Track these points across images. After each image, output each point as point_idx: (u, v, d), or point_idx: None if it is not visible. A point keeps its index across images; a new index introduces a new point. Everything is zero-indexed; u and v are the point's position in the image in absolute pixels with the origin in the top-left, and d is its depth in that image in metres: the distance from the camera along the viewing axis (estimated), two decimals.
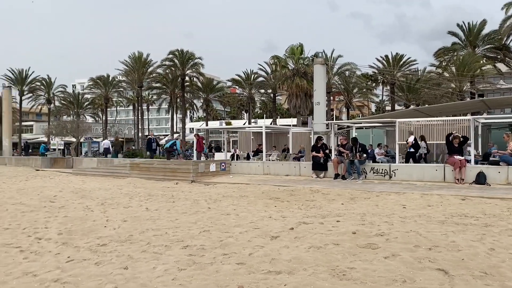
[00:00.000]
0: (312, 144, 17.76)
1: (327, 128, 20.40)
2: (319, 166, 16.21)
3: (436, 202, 9.80)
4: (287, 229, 7.06)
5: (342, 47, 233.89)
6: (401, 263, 5.00)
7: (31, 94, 55.11)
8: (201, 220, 8.06)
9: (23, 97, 53.42)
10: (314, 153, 16.34)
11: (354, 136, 17.64)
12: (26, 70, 52.75)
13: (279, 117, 46.49)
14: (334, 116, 33.05)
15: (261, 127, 20.92)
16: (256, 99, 57.96)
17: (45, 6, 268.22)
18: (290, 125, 28.05)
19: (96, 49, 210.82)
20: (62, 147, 40.04)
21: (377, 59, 42.43)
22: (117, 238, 6.65)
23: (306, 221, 7.68)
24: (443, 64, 36.27)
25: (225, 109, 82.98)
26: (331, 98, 44.82)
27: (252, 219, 8.11)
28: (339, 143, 17.01)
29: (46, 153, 34.31)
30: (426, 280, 4.39)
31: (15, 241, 6.53)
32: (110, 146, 30.16)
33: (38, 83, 54.56)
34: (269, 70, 44.21)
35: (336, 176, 15.43)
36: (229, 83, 55.97)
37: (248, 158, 21.95)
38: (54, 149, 38.65)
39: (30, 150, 39.44)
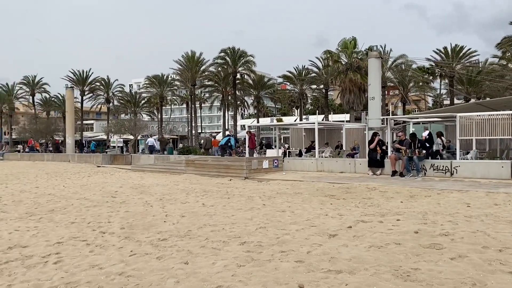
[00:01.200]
0: (368, 140, 17.32)
1: (383, 124, 19.82)
2: (375, 163, 15.78)
3: (504, 201, 9.23)
4: (345, 227, 6.90)
5: (396, 40, 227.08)
6: (469, 264, 4.73)
7: (91, 94, 57.83)
8: (256, 217, 8.07)
9: (84, 97, 56.17)
10: (371, 146, 15.89)
11: (411, 131, 16.98)
12: (86, 71, 55.45)
13: (331, 113, 45.81)
14: (390, 111, 31.90)
15: (313, 123, 20.68)
16: (307, 95, 57.48)
17: (103, 8, 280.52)
18: (343, 121, 27.51)
19: (151, 49, 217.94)
20: (121, 145, 41.68)
21: (435, 52, 40.72)
22: (176, 233, 6.79)
23: (364, 220, 7.48)
24: (507, 55, 34.12)
25: (276, 106, 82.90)
26: (386, 92, 43.56)
27: (308, 216, 8.01)
28: (395, 139, 16.43)
29: (94, 150, 36.13)
30: (498, 284, 4.13)
31: (81, 235, 6.84)
32: (155, 143, 32.27)
33: (98, 84, 57.14)
34: (320, 65, 43.66)
35: (394, 173, 14.95)
36: (280, 80, 55.85)
37: (300, 154, 21.78)
38: (114, 147, 40.30)
39: (85, 148, 41.38)
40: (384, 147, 16.07)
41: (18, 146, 48.81)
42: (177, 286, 4.32)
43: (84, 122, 61.38)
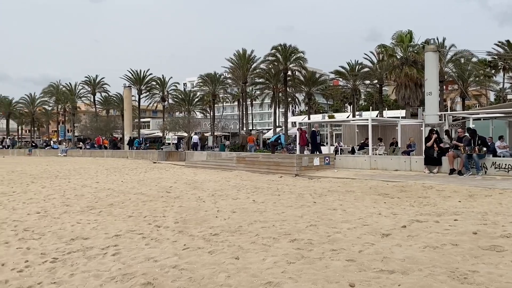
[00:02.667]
0: (425, 137, 16.70)
1: (440, 120, 19.03)
2: (432, 161, 15.20)
3: None
4: (399, 226, 6.72)
5: (454, 32, 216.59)
6: None
7: (148, 93, 59.84)
8: (307, 214, 8.03)
9: (141, 96, 58.23)
10: (428, 144, 15.31)
11: (471, 128, 16.19)
12: (144, 71, 57.41)
13: (386, 109, 44.53)
14: (448, 107, 30.51)
15: (367, 119, 20.24)
16: (360, 90, 56.25)
17: (158, 9, 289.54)
18: (398, 117, 26.71)
19: (204, 48, 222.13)
20: (176, 141, 42.95)
21: (497, 44, 38.45)
22: (227, 228, 6.91)
23: (419, 219, 7.24)
24: None
25: (328, 102, 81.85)
26: (444, 87, 41.70)
27: (360, 215, 7.87)
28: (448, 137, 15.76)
29: (138, 147, 37.72)
30: None
31: (138, 228, 7.12)
32: (198, 141, 34.59)
33: (154, 83, 59.01)
34: (374, 60, 42.54)
35: (452, 171, 14.33)
36: (332, 75, 54.96)
37: (352, 152, 21.40)
38: (169, 143, 41.57)
39: (138, 145, 42.88)
40: (441, 144, 15.44)
41: (80, 143, 51.51)
42: (228, 281, 4.40)
43: (141, 120, 63.67)
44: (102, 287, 4.34)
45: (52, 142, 57.74)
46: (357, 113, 49.30)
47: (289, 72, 47.10)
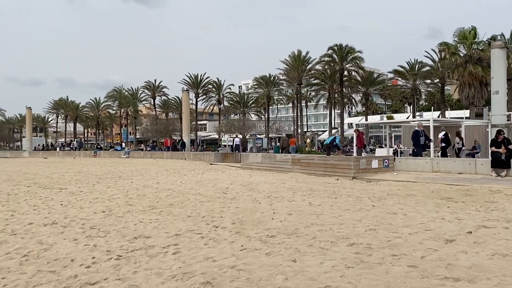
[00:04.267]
0: (491, 138, 15.77)
1: (508, 121, 17.90)
2: (500, 163, 14.31)
3: None
4: (464, 232, 6.39)
5: None
6: None
7: (204, 96, 61.26)
8: (365, 218, 7.84)
9: (198, 99, 59.70)
10: (493, 148, 14.49)
11: None
12: (200, 75, 58.88)
13: (448, 109, 42.56)
14: None
15: (428, 120, 19.43)
16: (421, 90, 54.19)
17: (211, 13, 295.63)
18: (462, 118, 25.42)
19: (259, 50, 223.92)
20: (232, 143, 43.62)
21: None
22: (284, 230, 6.90)
23: (486, 225, 6.84)
24: None
25: (386, 103, 79.63)
26: None
27: (422, 219, 7.56)
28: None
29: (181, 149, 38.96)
30: None
31: (196, 228, 7.29)
32: (240, 143, 36.84)
33: (210, 86, 60.33)
34: (436, 58, 40.82)
35: None
36: (390, 75, 53.42)
37: (413, 154, 20.63)
38: (225, 145, 42.29)
39: (179, 147, 44.11)
40: (510, 146, 14.51)
41: (141, 145, 53.62)
42: (285, 283, 4.39)
43: (198, 122, 65.26)
44: (163, 285, 4.48)
45: (118, 144, 60.41)
46: (417, 113, 47.53)
47: (345, 72, 46.33)
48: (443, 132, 18.06)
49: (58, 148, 59.66)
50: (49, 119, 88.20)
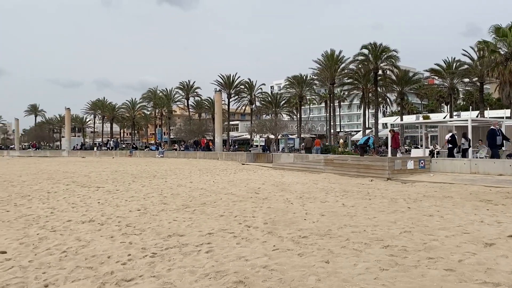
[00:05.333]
0: None
1: None
2: None
3: None
4: (505, 236, 6.16)
5: None
6: None
7: (236, 96, 61.63)
8: (400, 220, 7.68)
9: (230, 99, 60.14)
10: None
11: None
12: (232, 75, 59.27)
13: (487, 108, 41.08)
14: None
15: (466, 120, 18.84)
16: (458, 89, 52.59)
17: (242, 14, 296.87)
18: (502, 118, 24.51)
19: (291, 50, 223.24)
20: (263, 144, 43.68)
21: None
22: (316, 231, 6.85)
23: None
24: None
25: (422, 102, 77.71)
26: None
27: (460, 222, 7.34)
28: None
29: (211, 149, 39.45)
30: None
31: (229, 227, 7.34)
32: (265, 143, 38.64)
33: (242, 86, 60.64)
34: (474, 56, 39.51)
35: None
36: (426, 74, 52.08)
37: (450, 155, 20.05)
38: (257, 146, 42.41)
39: (200, 146, 44.70)
40: None
41: (175, 145, 54.49)
42: (318, 284, 4.35)
43: (230, 122, 65.70)
44: (197, 283, 4.53)
45: (156, 144, 61.56)
46: (454, 113, 46.21)
47: (380, 72, 45.52)
48: (450, 133, 18.56)
49: (95, 148, 61.43)
50: (87, 120, 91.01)
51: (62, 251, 5.93)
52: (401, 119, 50.20)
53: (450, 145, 18.32)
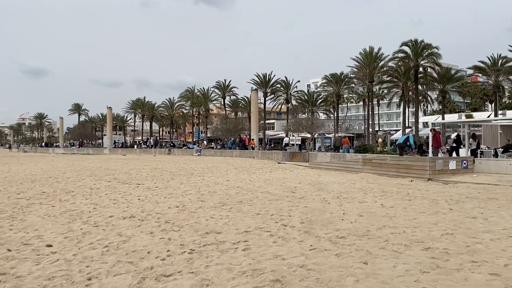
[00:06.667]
0: None
1: None
2: None
3: None
4: None
5: None
6: None
7: (272, 95, 61.53)
8: (442, 222, 7.45)
9: (266, 98, 60.14)
10: None
11: None
12: (269, 74, 59.23)
13: None
14: None
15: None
16: (504, 87, 50.41)
17: (279, 13, 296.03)
18: None
19: (328, 49, 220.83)
20: (299, 142, 43.48)
21: None
22: (354, 232, 6.75)
23: None
24: None
25: (465, 101, 75.05)
26: None
27: (505, 225, 7.05)
28: None
29: (232, 147, 39.51)
30: None
31: (265, 226, 7.35)
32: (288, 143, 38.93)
33: (278, 85, 60.49)
34: None
35: None
36: (470, 71, 50.21)
37: (495, 155, 19.28)
38: (293, 144, 42.23)
39: (231, 145, 44.94)
40: None
41: (211, 143, 55.12)
42: (356, 285, 4.30)
43: (266, 121, 65.69)
44: (234, 280, 4.56)
45: (195, 141, 62.48)
46: (500, 112, 44.31)
47: (420, 69, 44.29)
48: (455, 133, 19.65)
49: (135, 146, 63.04)
50: (128, 118, 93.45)
51: (104, 245, 6.12)
52: (443, 118, 48.63)
53: (454, 145, 18.78)
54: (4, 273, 4.85)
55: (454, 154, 18.39)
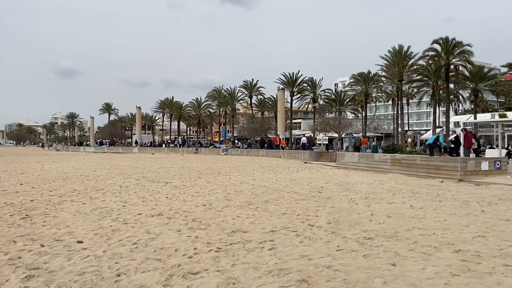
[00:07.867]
0: None
1: None
2: None
3: None
4: None
5: None
6: None
7: (299, 94, 61.24)
8: (473, 224, 7.25)
9: (293, 98, 59.90)
10: None
11: None
12: (295, 74, 58.97)
13: None
14: None
15: None
16: None
17: (306, 12, 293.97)
18: None
19: (356, 47, 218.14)
20: (326, 142, 43.13)
21: None
22: (382, 233, 6.65)
23: None
24: None
25: (498, 100, 72.76)
26: None
27: None
28: None
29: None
30: None
31: (292, 226, 7.33)
32: (306, 142, 39.84)
33: (305, 84, 60.15)
34: None
35: None
36: (504, 69, 48.67)
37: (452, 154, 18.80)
38: (320, 144, 41.94)
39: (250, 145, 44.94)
40: None
41: (238, 142, 55.35)
42: (384, 287, 4.23)
43: (293, 121, 65.45)
44: (260, 279, 4.57)
45: (220, 142, 62.97)
46: None
47: (452, 67, 43.21)
48: (455, 134, 19.81)
49: (163, 145, 63.96)
50: (156, 118, 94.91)
51: (133, 242, 6.23)
52: (475, 118, 47.25)
53: (452, 145, 19.14)
54: (38, 268, 5.01)
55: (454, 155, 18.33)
